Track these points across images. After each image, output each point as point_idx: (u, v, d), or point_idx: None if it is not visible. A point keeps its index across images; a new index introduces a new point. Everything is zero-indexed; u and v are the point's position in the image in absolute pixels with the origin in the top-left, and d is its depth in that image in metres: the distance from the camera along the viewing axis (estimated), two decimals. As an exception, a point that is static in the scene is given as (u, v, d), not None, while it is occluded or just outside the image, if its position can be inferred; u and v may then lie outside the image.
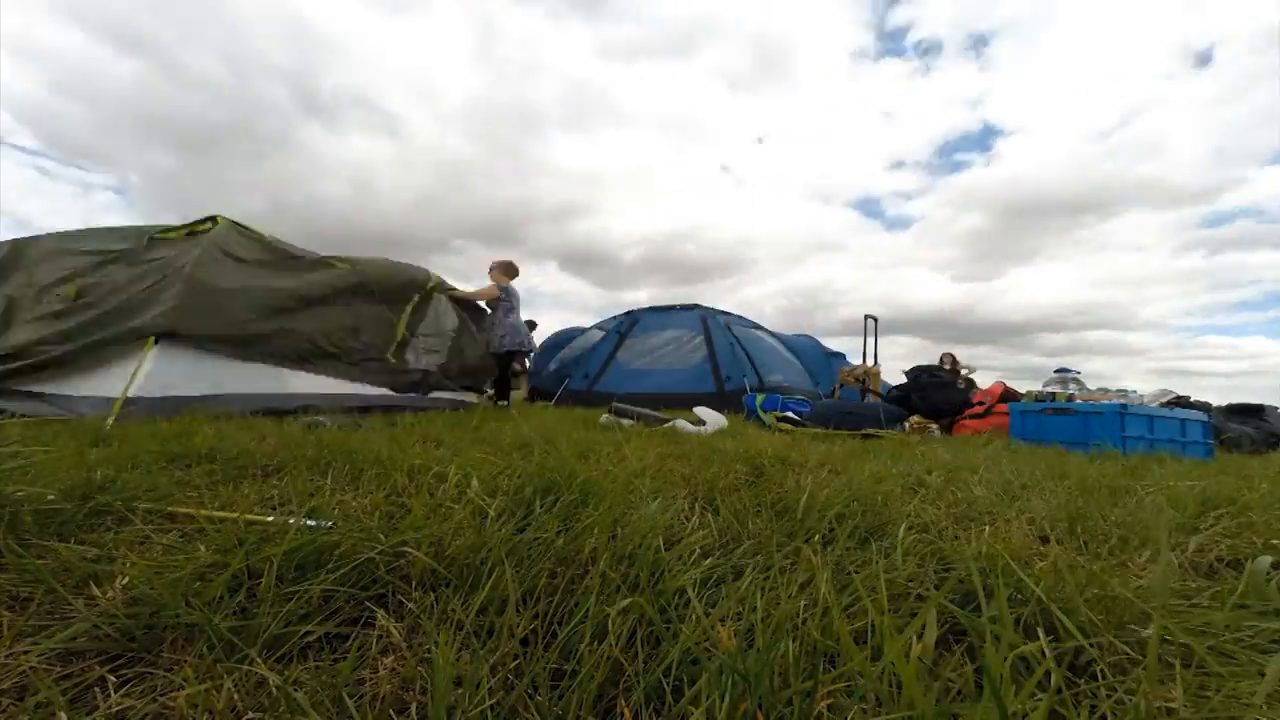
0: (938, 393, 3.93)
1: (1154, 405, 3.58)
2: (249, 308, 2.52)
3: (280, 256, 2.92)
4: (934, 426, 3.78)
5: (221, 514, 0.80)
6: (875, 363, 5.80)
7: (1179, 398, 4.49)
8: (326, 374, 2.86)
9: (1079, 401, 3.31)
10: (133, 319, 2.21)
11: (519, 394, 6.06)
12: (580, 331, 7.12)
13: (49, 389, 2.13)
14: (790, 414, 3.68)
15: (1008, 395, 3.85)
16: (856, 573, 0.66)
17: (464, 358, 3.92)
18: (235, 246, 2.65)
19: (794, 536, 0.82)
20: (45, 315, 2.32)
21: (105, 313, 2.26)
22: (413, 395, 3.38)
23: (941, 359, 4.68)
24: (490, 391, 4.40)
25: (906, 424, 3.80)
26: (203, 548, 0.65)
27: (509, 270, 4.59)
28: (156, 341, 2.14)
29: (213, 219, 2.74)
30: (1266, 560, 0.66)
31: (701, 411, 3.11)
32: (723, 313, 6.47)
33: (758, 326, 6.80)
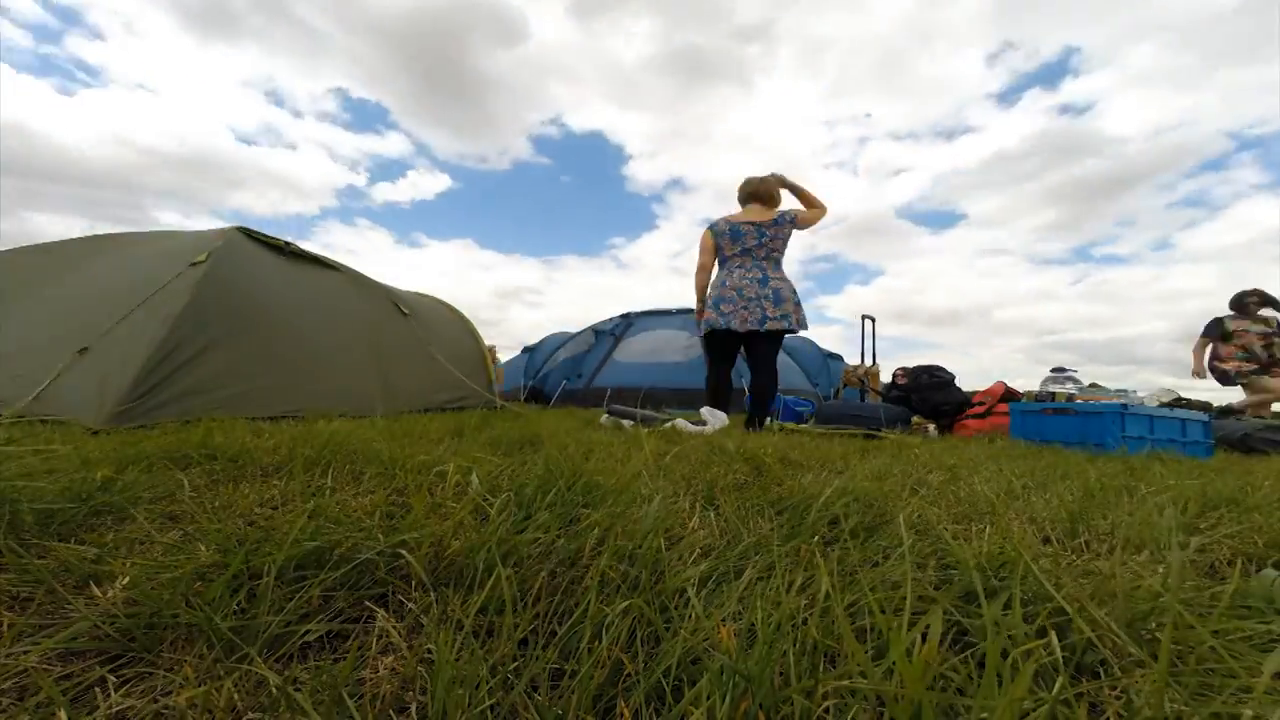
0: (938, 393, 3.93)
1: (1154, 405, 3.59)
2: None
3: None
4: (930, 426, 3.78)
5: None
6: (874, 363, 5.81)
7: (1179, 398, 4.49)
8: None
9: (1079, 401, 3.31)
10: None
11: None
12: (573, 335, 7.14)
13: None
14: (795, 413, 3.69)
15: (1009, 395, 3.86)
16: (856, 572, 0.66)
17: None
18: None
19: (795, 536, 0.82)
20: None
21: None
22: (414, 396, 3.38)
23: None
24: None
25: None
26: (203, 548, 0.65)
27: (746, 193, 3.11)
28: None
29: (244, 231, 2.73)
30: (1275, 574, 0.66)
31: (706, 412, 3.11)
32: None
33: None
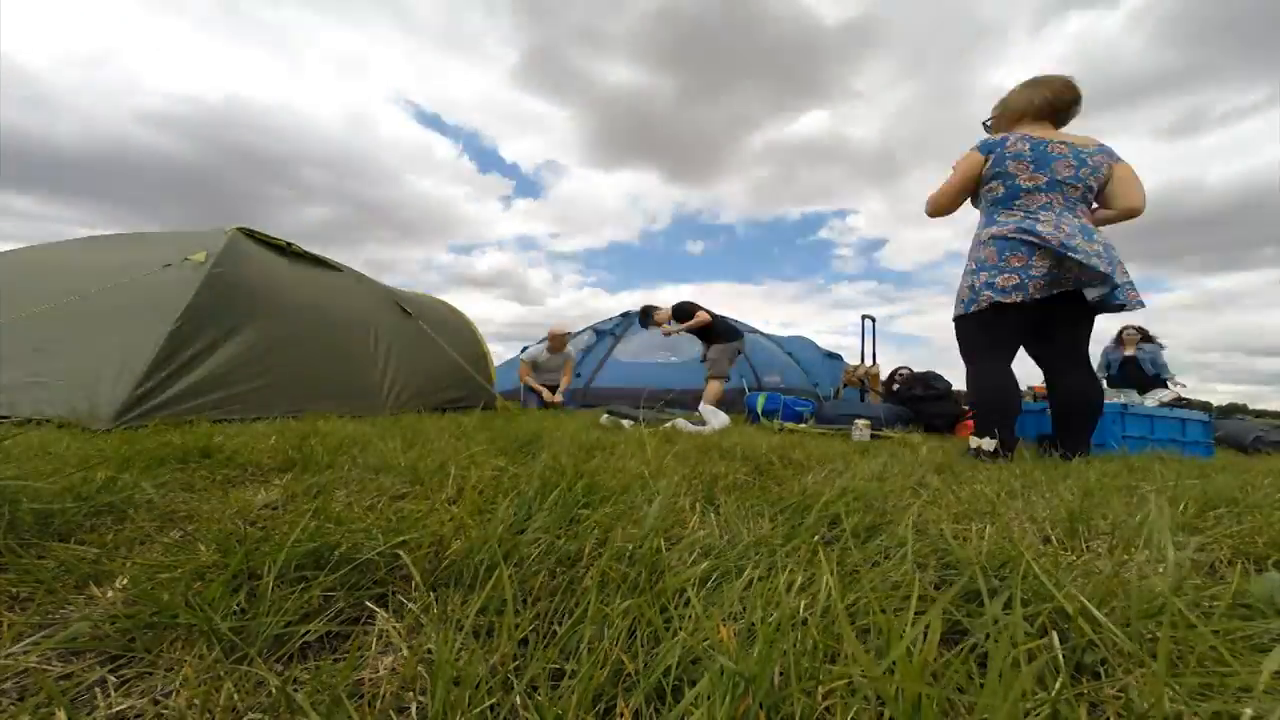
0: (931, 405, 3.93)
1: (1154, 405, 3.58)
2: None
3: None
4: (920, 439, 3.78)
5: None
6: (874, 363, 5.81)
7: (1179, 398, 4.49)
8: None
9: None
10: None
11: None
12: (572, 335, 7.14)
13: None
14: (794, 413, 3.70)
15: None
16: (857, 571, 0.65)
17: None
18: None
19: (795, 536, 0.81)
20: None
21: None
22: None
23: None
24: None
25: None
26: (203, 548, 0.66)
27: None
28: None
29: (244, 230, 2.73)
30: (1276, 576, 0.65)
31: (706, 411, 3.12)
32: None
33: (753, 330, 6.83)
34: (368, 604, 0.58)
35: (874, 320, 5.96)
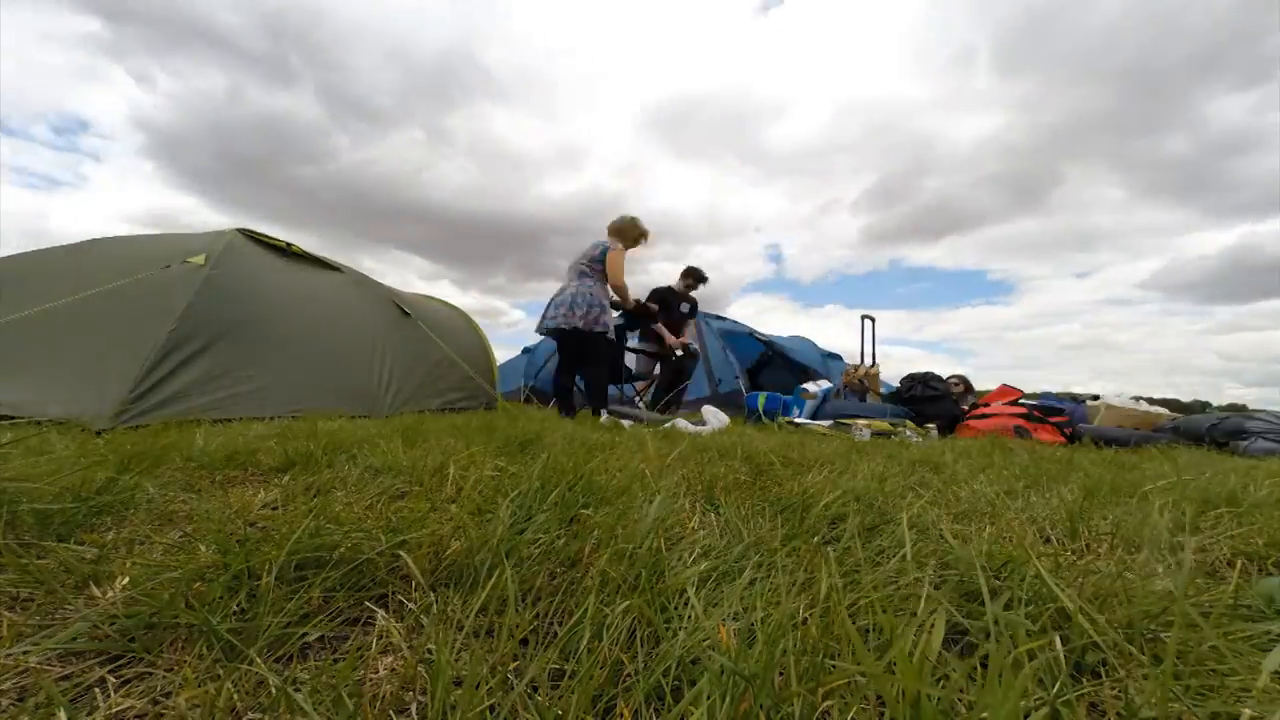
0: (930, 405, 3.92)
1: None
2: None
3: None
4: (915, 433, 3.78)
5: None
6: (874, 364, 5.81)
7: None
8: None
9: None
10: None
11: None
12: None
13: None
14: (795, 414, 3.70)
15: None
16: (858, 571, 0.65)
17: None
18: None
19: (795, 536, 0.81)
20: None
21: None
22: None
23: (950, 379, 4.54)
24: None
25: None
26: (203, 548, 0.65)
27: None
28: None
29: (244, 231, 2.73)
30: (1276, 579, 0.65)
31: (707, 412, 3.12)
32: (716, 317, 6.51)
33: (752, 333, 6.83)
34: (368, 604, 0.58)
35: (874, 320, 5.96)
